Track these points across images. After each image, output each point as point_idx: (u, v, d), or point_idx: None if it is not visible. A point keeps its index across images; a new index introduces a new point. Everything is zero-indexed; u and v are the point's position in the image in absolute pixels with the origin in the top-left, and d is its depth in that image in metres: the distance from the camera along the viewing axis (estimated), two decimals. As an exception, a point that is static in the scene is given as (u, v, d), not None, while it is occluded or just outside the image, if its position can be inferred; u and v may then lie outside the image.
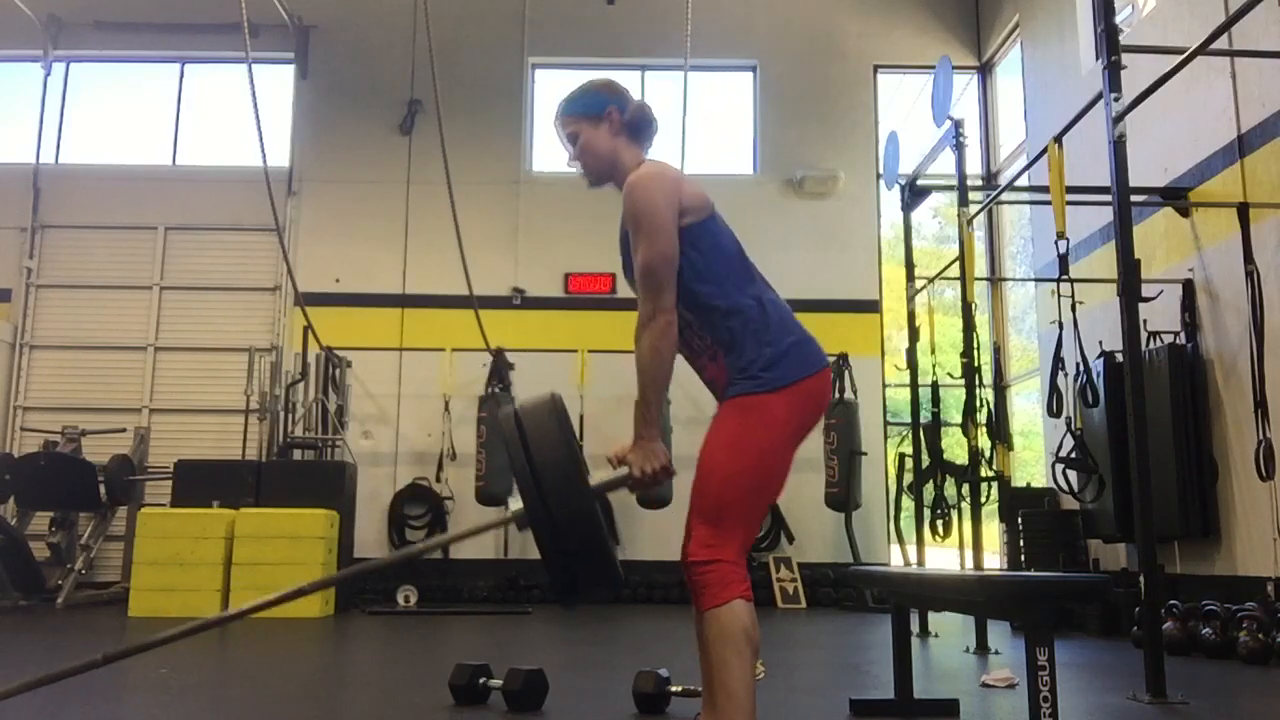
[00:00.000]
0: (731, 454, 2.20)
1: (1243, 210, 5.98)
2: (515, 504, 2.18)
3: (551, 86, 11.07)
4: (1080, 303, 5.73)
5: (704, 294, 2.29)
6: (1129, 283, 4.11)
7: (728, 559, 2.16)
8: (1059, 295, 5.56)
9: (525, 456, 2.12)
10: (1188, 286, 6.62)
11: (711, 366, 2.33)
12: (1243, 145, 6.13)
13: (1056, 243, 4.85)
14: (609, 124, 2.42)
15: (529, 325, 10.04)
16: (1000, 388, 7.16)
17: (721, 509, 2.18)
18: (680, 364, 2.33)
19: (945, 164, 6.76)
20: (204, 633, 6.33)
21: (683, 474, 2.27)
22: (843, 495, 9.11)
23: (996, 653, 5.34)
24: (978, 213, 7.19)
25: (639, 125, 2.45)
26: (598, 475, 2.24)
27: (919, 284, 7.14)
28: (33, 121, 10.72)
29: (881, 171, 8.83)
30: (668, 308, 2.22)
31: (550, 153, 10.84)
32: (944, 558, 7.87)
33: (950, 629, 6.56)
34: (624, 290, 9.89)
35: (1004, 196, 8.04)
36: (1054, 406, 6.01)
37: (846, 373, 9.55)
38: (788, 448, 2.26)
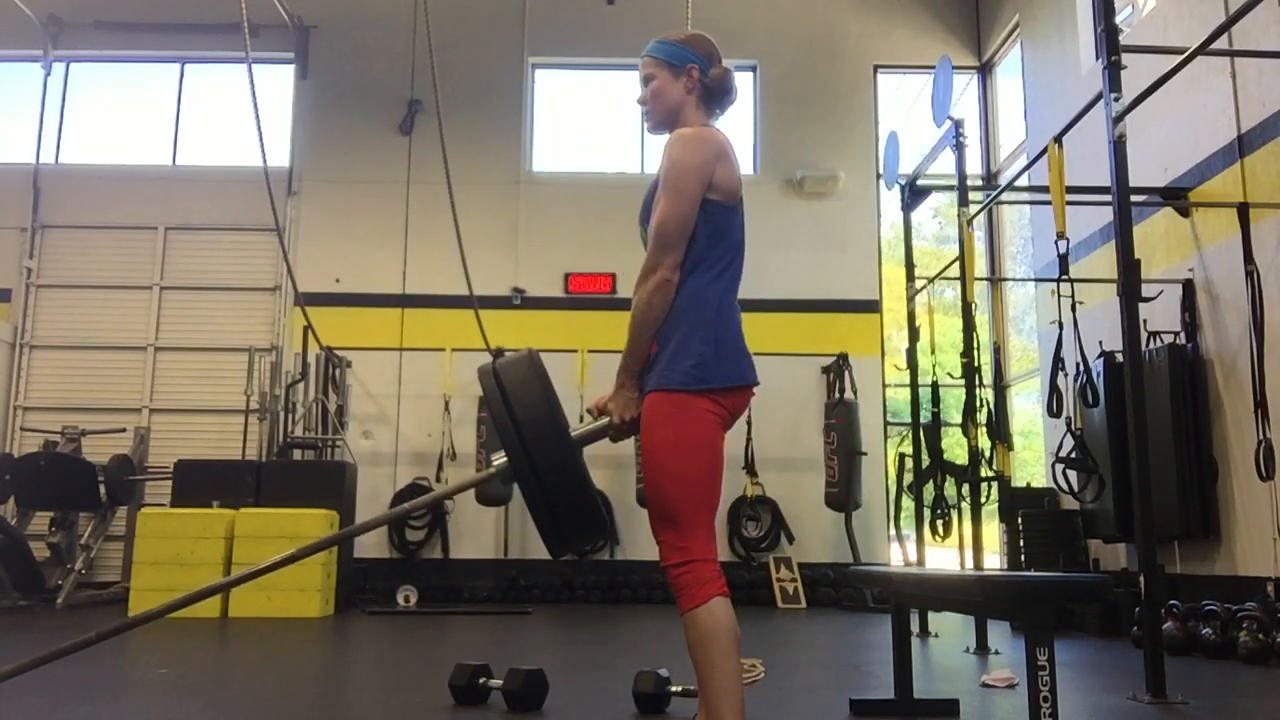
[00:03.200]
0: (677, 452, 2.21)
1: (1243, 210, 5.98)
2: (500, 459, 2.22)
3: (551, 86, 11.08)
4: (1080, 303, 5.73)
5: (687, 269, 2.29)
6: (1129, 283, 4.11)
7: (698, 556, 2.18)
8: (1059, 295, 5.56)
9: (507, 410, 2.17)
10: (1188, 286, 6.62)
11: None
12: (1243, 145, 6.13)
13: (1056, 243, 4.85)
14: (686, 79, 2.43)
15: (529, 325, 10.03)
16: (1000, 388, 7.16)
17: (679, 509, 2.20)
18: None
19: (945, 164, 6.76)
20: (204, 632, 6.33)
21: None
22: (843, 495, 9.11)
23: (996, 653, 5.34)
24: (978, 213, 7.19)
25: (715, 91, 2.46)
26: (579, 426, 2.29)
27: (919, 284, 7.13)
28: (33, 121, 10.72)
29: (881, 171, 8.83)
30: (671, 266, 2.24)
31: (550, 153, 10.85)
32: (944, 558, 7.87)
33: (950, 629, 6.56)
34: (624, 290, 9.90)
35: (1004, 196, 8.04)
36: (1054, 406, 6.01)
37: (846, 373, 9.55)
38: (721, 437, 2.28)
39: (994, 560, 8.63)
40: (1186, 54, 4.27)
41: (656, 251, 2.25)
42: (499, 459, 2.22)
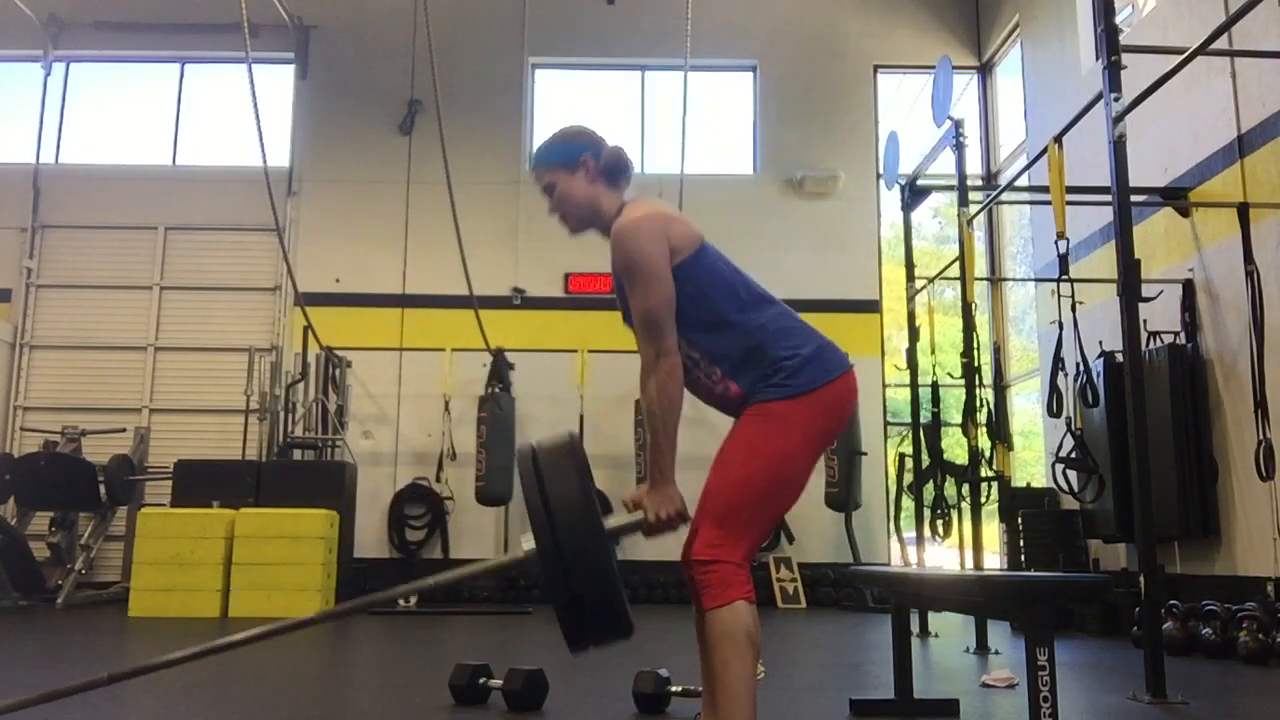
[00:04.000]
0: (749, 456, 2.19)
1: (1243, 210, 5.98)
2: (528, 544, 2.14)
3: (551, 86, 11.09)
4: (1080, 303, 5.73)
5: (708, 325, 2.28)
6: (1129, 283, 4.11)
7: (731, 560, 2.15)
8: (1059, 295, 5.56)
9: (541, 497, 2.09)
10: (1188, 286, 6.62)
11: (727, 396, 2.30)
12: (1243, 145, 6.13)
13: (1056, 243, 4.85)
14: (585, 171, 2.40)
15: (529, 325, 10.04)
16: (1000, 388, 7.15)
17: (732, 511, 2.17)
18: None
19: (945, 164, 6.76)
20: (204, 632, 6.33)
21: (686, 473, 2.27)
22: (843, 495, 9.11)
23: (996, 653, 5.33)
24: (978, 213, 7.18)
25: (615, 170, 2.42)
26: (612, 519, 2.21)
27: (919, 284, 7.13)
28: (33, 121, 10.72)
29: (881, 171, 8.83)
30: (669, 350, 2.21)
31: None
32: (944, 558, 7.87)
33: (950, 629, 6.56)
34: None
35: (1004, 196, 8.04)
36: (1054, 406, 6.01)
37: (846, 373, 9.54)
38: (809, 455, 2.23)
39: (994, 560, 8.63)
40: (1186, 54, 4.27)
41: (651, 341, 2.21)
42: (528, 543, 2.14)
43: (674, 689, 3.44)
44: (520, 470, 2.17)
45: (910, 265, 7.10)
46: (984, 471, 6.20)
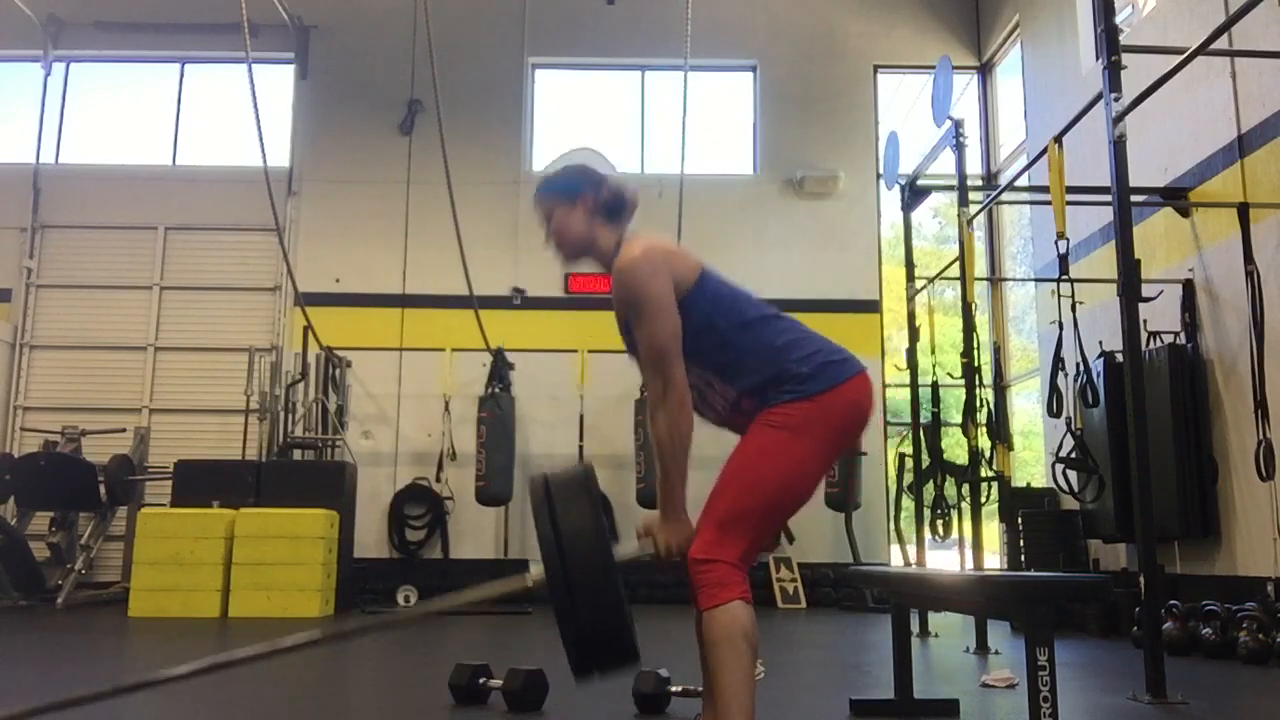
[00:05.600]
0: (762, 459, 2.19)
1: (1243, 210, 5.98)
2: (536, 570, 2.15)
3: (551, 86, 11.08)
4: (1080, 303, 5.73)
5: (716, 349, 2.28)
6: (1129, 283, 4.11)
7: (728, 560, 2.15)
8: (1059, 295, 5.56)
9: (552, 527, 2.09)
10: (1188, 286, 6.62)
11: (742, 416, 2.30)
12: (1243, 145, 6.13)
13: (1056, 243, 4.85)
14: (583, 206, 2.41)
15: (529, 325, 10.03)
16: (1000, 388, 7.15)
17: (736, 514, 2.17)
18: None
19: (945, 164, 6.76)
20: (204, 632, 6.33)
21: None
22: (843, 495, 9.11)
23: (996, 653, 5.34)
24: (978, 213, 7.18)
25: (615, 206, 2.43)
26: (622, 549, 2.21)
27: (919, 284, 7.13)
28: (33, 121, 10.72)
29: (881, 171, 8.83)
30: (678, 382, 2.22)
31: (551, 153, 10.84)
32: (944, 558, 7.87)
33: (950, 629, 6.56)
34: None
35: (1004, 196, 8.03)
36: (1054, 406, 6.01)
37: (846, 373, 9.54)
38: (821, 460, 2.23)
39: (994, 560, 8.63)
40: (1186, 54, 4.27)
41: (659, 374, 2.21)
42: (537, 570, 2.15)
43: (674, 689, 3.44)
44: (532, 499, 2.16)
45: (910, 265, 7.10)
46: (984, 471, 6.20)
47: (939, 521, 7.12)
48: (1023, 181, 7.51)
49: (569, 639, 2.08)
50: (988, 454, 6.29)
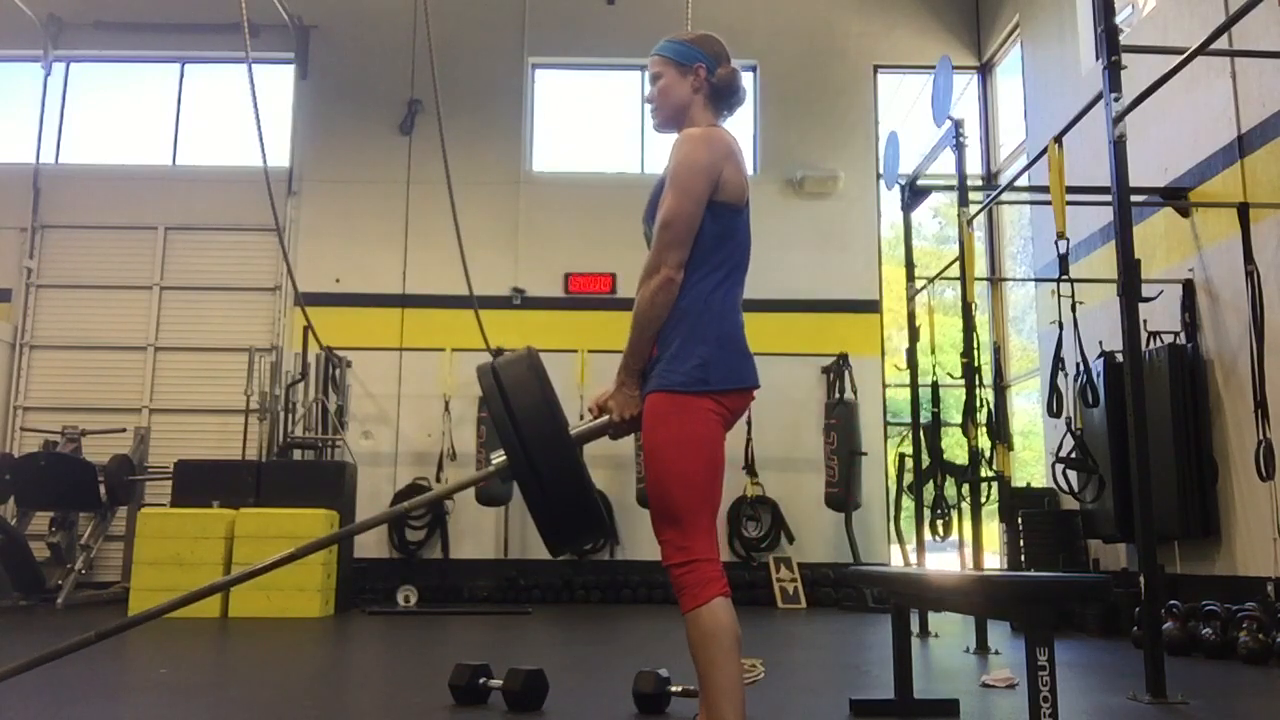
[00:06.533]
0: (679, 452, 2.20)
1: (1243, 210, 5.98)
2: (499, 458, 2.22)
3: (551, 86, 11.08)
4: (1080, 303, 5.72)
5: (687, 269, 2.29)
6: (1129, 283, 4.11)
7: (700, 556, 2.18)
8: (1059, 295, 5.56)
9: (505, 409, 2.17)
10: (1188, 286, 6.62)
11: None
12: (1243, 145, 6.13)
13: (1056, 243, 4.85)
14: (693, 77, 2.43)
15: (529, 325, 10.03)
16: (1000, 388, 7.15)
17: (682, 509, 2.20)
18: None
19: (945, 164, 6.76)
20: (204, 632, 6.33)
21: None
22: (843, 495, 9.11)
23: (996, 653, 5.34)
24: (978, 213, 7.18)
25: (723, 91, 2.45)
26: (578, 424, 2.28)
27: (919, 284, 7.13)
28: (33, 121, 10.72)
29: (881, 171, 8.83)
30: (674, 265, 2.23)
31: (550, 152, 10.86)
32: (944, 558, 7.87)
33: (950, 629, 6.56)
34: (624, 290, 9.90)
35: (1004, 196, 8.03)
36: (1054, 406, 6.01)
37: (846, 373, 9.55)
38: (722, 436, 2.27)
39: (994, 560, 8.63)
40: (1186, 54, 4.27)
41: (661, 249, 2.23)
42: (498, 458, 2.22)
43: (674, 689, 3.44)
44: (482, 386, 2.25)
45: (910, 265, 7.10)
46: (984, 471, 6.20)
47: (939, 521, 7.12)
48: (1023, 181, 7.51)
49: (539, 514, 2.17)
50: (988, 454, 6.29)
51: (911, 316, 7.07)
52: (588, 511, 2.20)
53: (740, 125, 10.73)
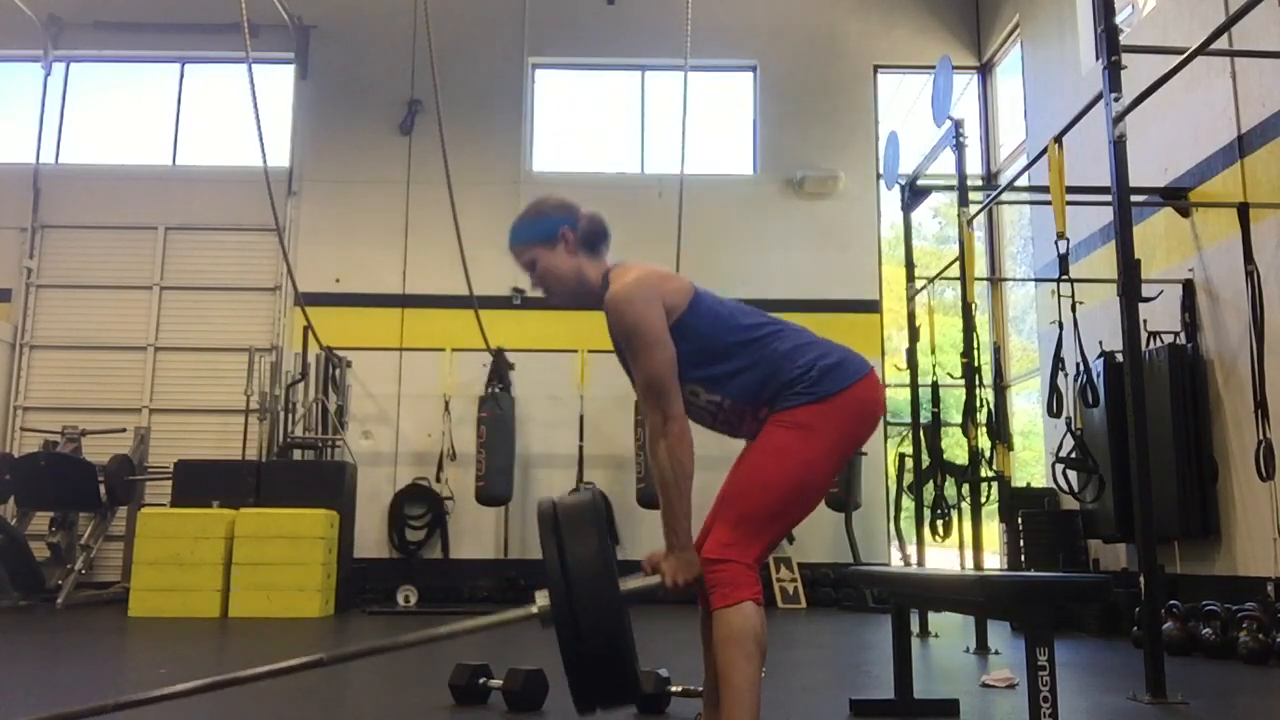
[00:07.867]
0: (775, 460, 2.18)
1: (1243, 210, 5.98)
2: (542, 599, 2.14)
3: (551, 86, 11.08)
4: (1080, 303, 5.72)
5: (718, 369, 2.27)
6: (1129, 283, 4.11)
7: (743, 561, 2.17)
8: (1059, 295, 5.56)
9: (558, 556, 2.08)
10: (1188, 286, 6.62)
11: (756, 424, 2.29)
12: (1243, 145, 6.13)
13: (1056, 243, 4.85)
14: (564, 244, 2.38)
15: (529, 325, 10.02)
16: (1000, 388, 7.15)
17: (750, 515, 2.18)
18: None
19: (945, 164, 6.75)
20: (204, 632, 6.32)
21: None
22: (843, 495, 9.10)
23: (996, 653, 5.33)
24: (978, 213, 7.18)
25: (594, 237, 2.41)
26: (628, 581, 2.19)
27: (919, 284, 7.13)
28: (33, 121, 10.71)
29: (881, 171, 8.83)
30: (677, 414, 2.20)
31: (550, 153, 10.85)
32: (944, 558, 7.87)
33: (950, 629, 6.56)
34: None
35: (1004, 196, 8.04)
36: (1054, 406, 6.01)
37: (846, 373, 9.54)
38: (831, 461, 2.23)
39: (994, 560, 8.62)
40: (1186, 54, 4.27)
41: (658, 405, 2.19)
42: (542, 599, 2.13)
43: (674, 689, 3.44)
44: (540, 527, 2.14)
45: (910, 265, 7.09)
46: (984, 471, 6.20)
47: (939, 521, 7.11)
48: (1023, 181, 7.51)
49: (573, 669, 2.07)
50: (988, 454, 6.29)
51: (911, 316, 7.07)
52: (624, 676, 2.09)
53: (740, 125, 10.81)
